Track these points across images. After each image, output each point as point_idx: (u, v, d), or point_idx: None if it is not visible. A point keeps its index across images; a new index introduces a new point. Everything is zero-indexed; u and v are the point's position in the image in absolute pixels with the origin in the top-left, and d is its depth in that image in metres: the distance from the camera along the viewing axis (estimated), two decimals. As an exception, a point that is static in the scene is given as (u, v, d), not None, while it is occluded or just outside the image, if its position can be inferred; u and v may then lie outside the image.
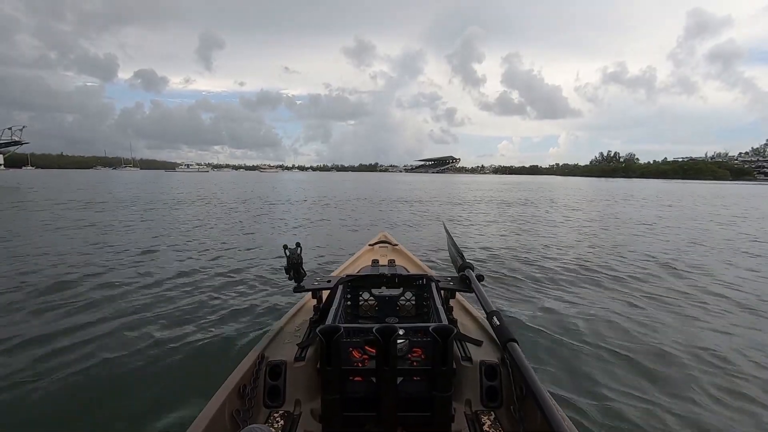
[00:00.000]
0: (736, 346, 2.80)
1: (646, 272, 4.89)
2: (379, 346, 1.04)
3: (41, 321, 3.05)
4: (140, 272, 4.49)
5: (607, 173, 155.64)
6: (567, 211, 13.32)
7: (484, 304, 1.44)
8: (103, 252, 5.52)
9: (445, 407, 1.10)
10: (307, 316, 1.74)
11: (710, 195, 26.10)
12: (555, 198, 20.20)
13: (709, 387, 2.26)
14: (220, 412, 1.10)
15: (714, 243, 7.24)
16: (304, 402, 1.29)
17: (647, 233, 8.32)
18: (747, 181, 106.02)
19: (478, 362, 1.35)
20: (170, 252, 5.66)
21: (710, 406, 2.08)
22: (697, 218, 11.47)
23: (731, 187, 48.12)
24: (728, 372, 2.44)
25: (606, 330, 3.03)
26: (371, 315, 1.83)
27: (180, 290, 3.84)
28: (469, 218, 10.67)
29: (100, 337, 2.75)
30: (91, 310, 3.26)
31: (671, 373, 2.42)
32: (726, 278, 4.68)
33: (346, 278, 1.74)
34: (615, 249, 6.42)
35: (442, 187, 32.38)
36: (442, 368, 1.06)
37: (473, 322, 1.73)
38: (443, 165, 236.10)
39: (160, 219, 9.42)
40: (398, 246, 3.17)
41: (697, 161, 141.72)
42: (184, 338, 2.74)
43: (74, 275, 4.28)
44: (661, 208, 15.10)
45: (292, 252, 1.56)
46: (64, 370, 2.29)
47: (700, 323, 3.25)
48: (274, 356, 1.39)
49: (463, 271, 1.74)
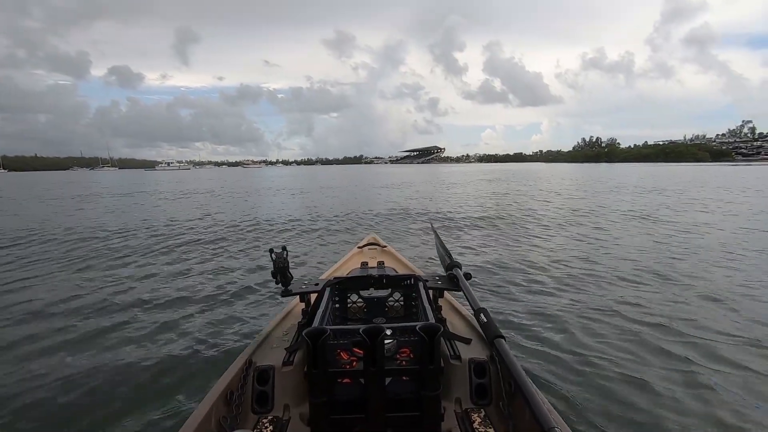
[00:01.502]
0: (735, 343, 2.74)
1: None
2: (366, 347, 1.03)
3: (23, 325, 3.04)
4: (122, 278, 4.37)
5: (590, 158, 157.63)
6: (564, 206, 12.61)
7: (472, 302, 1.45)
8: (84, 259, 5.37)
9: (434, 406, 1.10)
10: (295, 320, 1.73)
11: (707, 179, 25.42)
12: (546, 188, 19.08)
13: (697, 381, 2.26)
14: (207, 419, 1.08)
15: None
16: (292, 407, 1.28)
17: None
18: (726, 162, 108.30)
19: (467, 360, 1.35)
20: (153, 257, 5.49)
21: (697, 401, 2.08)
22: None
23: (716, 169, 48.63)
24: (723, 371, 2.39)
25: (594, 324, 3.05)
26: (360, 317, 1.80)
27: (164, 296, 3.74)
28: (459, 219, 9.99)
29: (82, 345, 2.73)
30: (71, 317, 3.23)
31: (660, 366, 2.43)
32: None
33: (333, 280, 1.72)
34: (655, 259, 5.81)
35: (428, 179, 31.52)
36: (430, 367, 1.06)
37: (462, 321, 1.73)
38: (428, 155, 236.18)
39: (140, 221, 9.07)
40: (387, 248, 3.11)
41: (678, 144, 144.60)
42: (169, 345, 2.69)
43: (52, 283, 4.23)
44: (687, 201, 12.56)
45: (278, 256, 1.55)
46: (48, 377, 2.28)
47: (701, 321, 3.12)
48: (261, 361, 1.37)
49: (451, 269, 1.75)
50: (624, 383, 2.23)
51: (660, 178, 25.85)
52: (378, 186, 22.29)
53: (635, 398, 2.09)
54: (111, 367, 2.42)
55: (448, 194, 15.95)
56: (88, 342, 2.77)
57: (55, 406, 2.05)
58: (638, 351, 2.60)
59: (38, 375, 2.33)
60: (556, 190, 17.57)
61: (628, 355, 2.55)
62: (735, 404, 2.05)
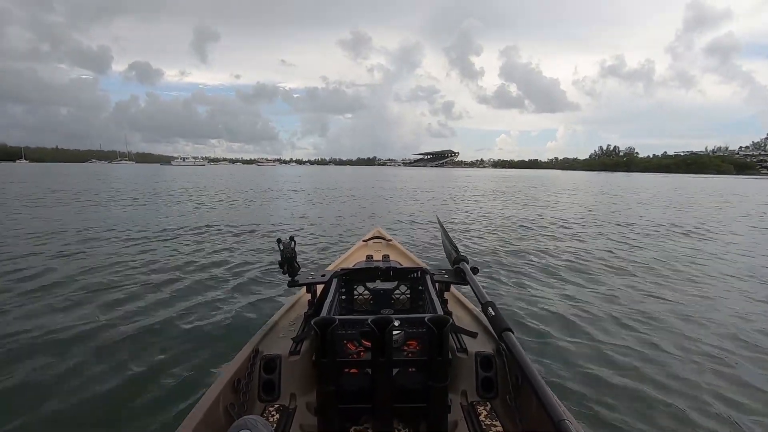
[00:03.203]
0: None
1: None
2: (374, 338, 1.02)
3: (29, 312, 3.01)
4: (132, 266, 4.35)
5: (608, 167, 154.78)
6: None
7: (479, 296, 1.44)
8: (91, 245, 5.44)
9: (441, 398, 1.08)
10: (301, 311, 1.73)
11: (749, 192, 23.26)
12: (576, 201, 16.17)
13: (708, 380, 2.25)
14: (215, 406, 1.09)
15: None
16: (299, 396, 1.29)
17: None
18: (751, 175, 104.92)
19: (474, 353, 1.35)
20: (162, 246, 5.50)
21: (709, 400, 2.06)
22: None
23: (746, 183, 46.64)
24: (734, 371, 2.34)
25: (606, 320, 3.02)
26: (366, 308, 1.80)
27: (172, 285, 3.74)
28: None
29: (89, 331, 2.70)
30: (81, 304, 3.21)
31: (669, 363, 2.42)
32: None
33: (340, 272, 1.72)
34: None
35: (442, 182, 30.52)
36: (438, 358, 1.05)
37: (468, 315, 1.74)
38: (442, 159, 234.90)
39: (152, 212, 9.22)
40: (392, 241, 3.11)
41: (700, 155, 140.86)
42: (177, 334, 2.68)
43: (62, 263, 4.31)
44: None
45: (285, 246, 1.54)
46: (54, 362, 2.28)
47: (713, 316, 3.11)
48: (268, 350, 1.37)
49: (458, 263, 1.73)
50: (638, 386, 2.15)
51: (707, 191, 24.08)
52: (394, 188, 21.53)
53: (652, 400, 2.03)
54: (116, 355, 2.39)
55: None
56: (94, 327, 2.75)
57: (59, 393, 2.02)
58: (652, 347, 2.56)
59: (42, 362, 2.30)
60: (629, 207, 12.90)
61: (642, 351, 2.52)
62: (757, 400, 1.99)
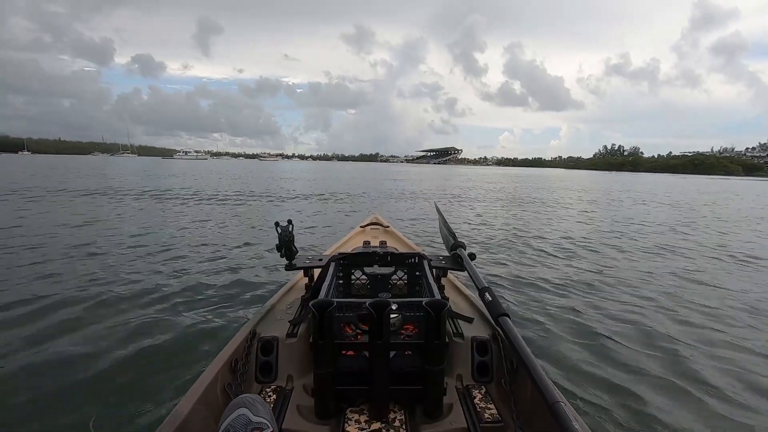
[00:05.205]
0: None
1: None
2: (372, 320, 1.03)
3: (26, 295, 2.99)
4: (130, 249, 4.42)
5: (613, 167, 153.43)
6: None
7: (476, 281, 1.43)
8: (93, 234, 5.41)
9: (438, 381, 1.09)
10: (298, 294, 1.76)
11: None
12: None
13: (702, 366, 2.28)
14: (213, 385, 1.11)
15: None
16: (296, 377, 1.30)
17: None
18: (760, 177, 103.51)
19: (470, 338, 1.37)
20: (161, 231, 5.55)
21: (703, 386, 2.09)
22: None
23: (764, 185, 45.51)
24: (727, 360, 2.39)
25: (602, 308, 3.08)
26: (363, 293, 1.80)
27: (171, 268, 3.76)
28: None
29: (88, 313, 2.71)
30: (81, 287, 3.20)
31: (663, 348, 2.48)
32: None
33: (338, 256, 1.73)
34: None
35: (445, 179, 29.61)
36: (435, 342, 1.06)
37: (465, 301, 1.76)
38: (445, 156, 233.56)
39: (151, 200, 9.48)
40: (389, 228, 3.12)
41: (708, 156, 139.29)
42: (175, 316, 2.71)
43: (60, 254, 4.24)
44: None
45: (283, 229, 1.53)
46: (54, 343, 2.30)
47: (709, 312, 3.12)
48: (266, 332, 1.39)
49: (455, 249, 1.73)
50: (631, 371, 2.19)
51: (735, 193, 23.02)
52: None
53: (645, 387, 2.05)
54: (116, 336, 2.41)
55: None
56: (93, 310, 2.77)
57: (61, 373, 2.03)
58: (652, 342, 2.58)
59: (44, 345, 2.29)
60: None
61: (643, 344, 2.54)
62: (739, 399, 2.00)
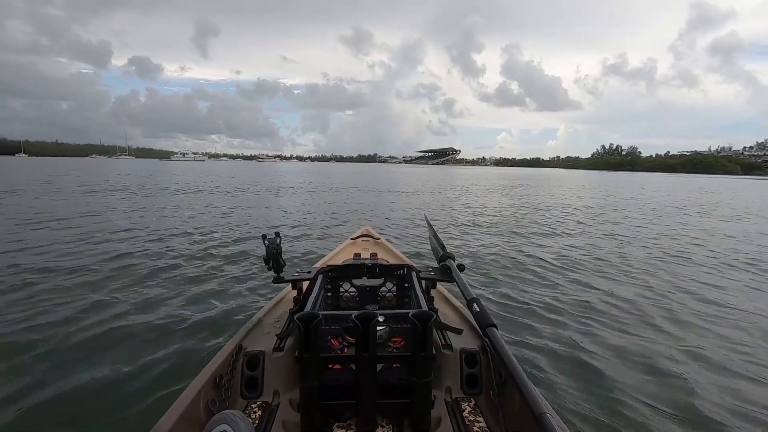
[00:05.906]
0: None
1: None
2: (358, 333, 1.01)
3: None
4: (114, 260, 4.29)
5: (612, 166, 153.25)
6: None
7: (465, 292, 1.42)
8: (75, 241, 5.18)
9: (425, 393, 1.07)
10: (286, 308, 1.73)
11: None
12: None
13: (693, 371, 2.27)
14: (195, 402, 1.07)
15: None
16: (282, 392, 1.27)
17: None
18: (759, 176, 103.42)
19: (459, 350, 1.34)
20: (146, 241, 5.36)
21: (692, 390, 2.08)
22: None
23: (763, 184, 45.22)
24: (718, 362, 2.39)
25: (592, 316, 3.03)
26: (352, 305, 1.78)
27: (156, 280, 3.67)
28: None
29: (68, 325, 2.64)
30: (63, 299, 3.10)
31: (651, 355, 2.45)
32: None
33: (326, 268, 1.72)
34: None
35: (443, 178, 29.24)
36: (422, 354, 1.03)
37: (454, 312, 1.73)
38: (443, 156, 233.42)
39: (140, 207, 9.05)
40: (380, 240, 3.10)
41: (706, 155, 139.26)
42: (159, 330, 2.64)
43: (40, 261, 4.10)
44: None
45: (271, 242, 1.52)
46: (32, 361, 2.21)
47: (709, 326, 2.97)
48: (252, 347, 1.36)
49: (444, 261, 1.73)
50: (621, 381, 2.16)
51: (738, 192, 22.60)
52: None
53: (635, 394, 2.03)
54: (97, 349, 2.36)
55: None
56: (74, 323, 2.68)
57: (39, 390, 1.97)
58: (641, 349, 2.53)
59: (20, 362, 2.21)
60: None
61: (631, 351, 2.50)
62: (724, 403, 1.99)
